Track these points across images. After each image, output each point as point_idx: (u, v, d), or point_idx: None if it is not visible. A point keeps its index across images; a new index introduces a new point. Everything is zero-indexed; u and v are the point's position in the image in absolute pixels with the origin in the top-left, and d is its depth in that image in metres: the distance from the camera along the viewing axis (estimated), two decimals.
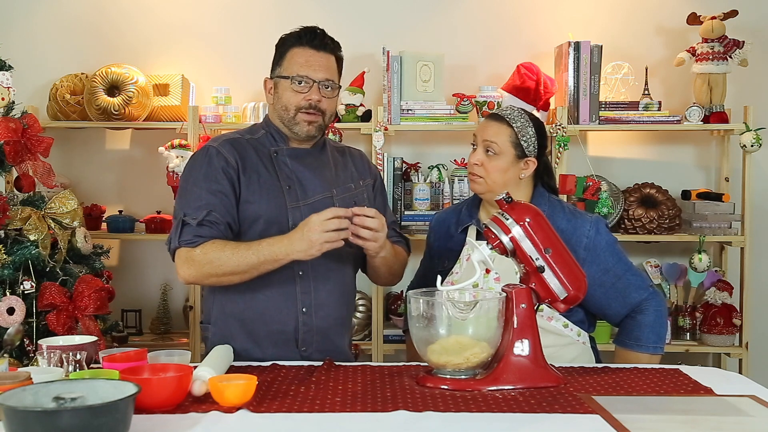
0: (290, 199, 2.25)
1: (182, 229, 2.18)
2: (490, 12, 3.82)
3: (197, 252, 2.15)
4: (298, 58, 2.26)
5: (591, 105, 3.56)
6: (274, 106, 2.30)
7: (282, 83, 2.27)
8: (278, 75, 2.28)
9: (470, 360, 1.90)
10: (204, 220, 2.16)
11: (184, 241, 2.17)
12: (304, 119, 2.26)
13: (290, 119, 2.27)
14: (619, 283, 2.30)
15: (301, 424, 1.64)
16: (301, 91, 2.24)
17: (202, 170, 2.23)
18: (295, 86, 2.24)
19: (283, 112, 2.27)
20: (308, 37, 2.27)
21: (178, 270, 2.19)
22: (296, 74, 2.24)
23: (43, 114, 3.64)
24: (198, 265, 2.15)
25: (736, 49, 3.57)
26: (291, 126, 2.28)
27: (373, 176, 2.47)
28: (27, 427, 1.39)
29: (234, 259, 2.12)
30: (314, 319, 2.26)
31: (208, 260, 2.14)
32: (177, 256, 2.20)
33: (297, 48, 2.27)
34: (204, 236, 2.16)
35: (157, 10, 3.82)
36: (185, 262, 2.17)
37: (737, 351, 3.58)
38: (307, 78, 2.24)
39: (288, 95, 2.26)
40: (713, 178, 3.85)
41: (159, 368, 1.79)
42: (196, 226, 2.16)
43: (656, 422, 1.64)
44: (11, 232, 2.91)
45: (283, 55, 2.28)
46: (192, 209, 2.19)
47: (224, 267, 2.13)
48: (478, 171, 2.32)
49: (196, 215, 2.17)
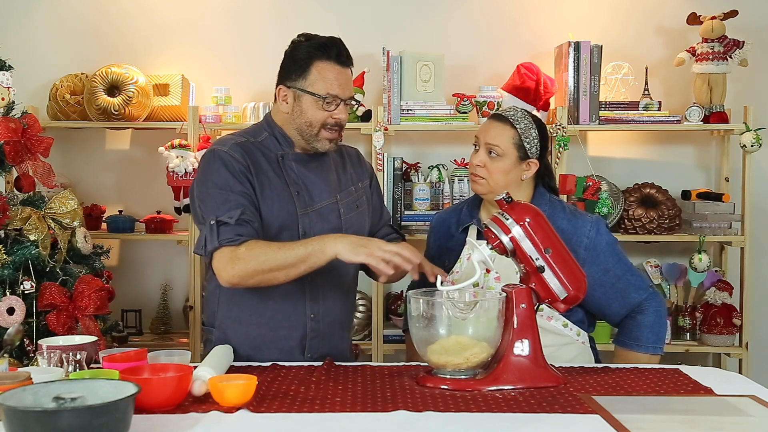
0: (300, 205, 2.23)
1: (219, 229, 2.10)
2: (490, 12, 3.82)
3: (242, 249, 2.07)
4: (328, 74, 2.20)
5: (591, 105, 3.56)
6: (293, 117, 2.24)
7: (307, 98, 2.21)
8: (303, 89, 2.21)
9: (470, 360, 1.90)
10: (240, 219, 2.10)
11: (226, 240, 2.08)
12: (327, 137, 2.23)
13: (313, 135, 2.23)
14: (619, 283, 2.30)
15: (301, 424, 1.64)
16: (329, 109, 2.21)
17: (222, 174, 2.17)
18: (324, 104, 2.20)
19: (306, 127, 2.23)
20: (335, 51, 2.21)
21: (221, 272, 2.10)
22: (327, 93, 2.19)
23: (43, 114, 3.64)
24: (244, 262, 2.06)
25: (736, 49, 3.57)
26: (311, 141, 2.24)
27: (369, 175, 2.46)
28: (27, 427, 1.39)
29: (281, 253, 2.05)
30: (321, 324, 2.26)
31: (255, 255, 2.06)
32: (218, 258, 2.10)
33: (323, 63, 2.21)
34: (244, 235, 2.09)
35: (157, 10, 3.81)
36: (230, 261, 2.08)
37: (737, 351, 3.58)
38: (336, 98, 2.21)
39: (314, 112, 2.21)
40: (713, 178, 3.85)
41: (159, 368, 1.80)
42: (235, 224, 2.09)
43: (656, 422, 1.64)
44: (11, 232, 2.91)
45: (308, 69, 2.21)
46: (223, 210, 2.12)
47: (272, 262, 2.06)
48: (481, 172, 2.32)
49: (232, 214, 2.10)
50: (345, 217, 2.29)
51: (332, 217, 2.27)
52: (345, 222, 2.28)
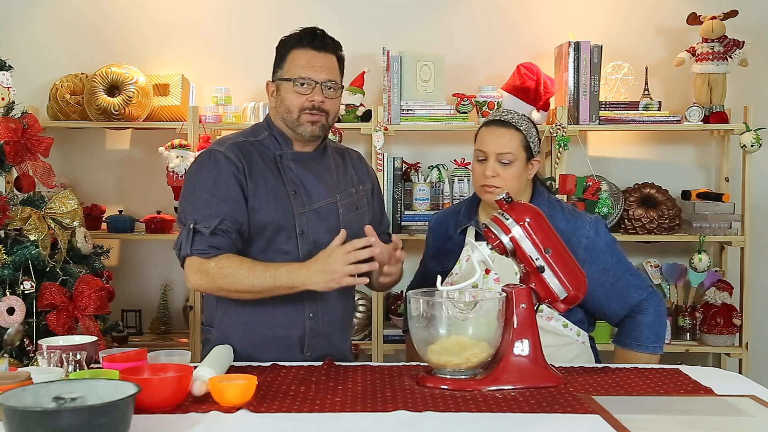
0: (296, 205, 2.24)
1: (194, 237, 2.14)
2: (490, 12, 3.82)
3: (212, 265, 2.12)
4: (300, 60, 2.24)
5: (591, 105, 3.56)
6: (277, 108, 2.28)
7: (284, 85, 2.25)
8: (280, 77, 2.27)
9: (470, 360, 1.90)
10: (217, 229, 2.13)
11: (198, 250, 2.13)
12: (308, 119, 2.24)
13: (294, 121, 2.25)
14: (618, 283, 2.30)
15: (301, 424, 1.64)
16: (304, 92, 2.23)
17: (212, 176, 2.19)
18: (298, 88, 2.23)
19: (286, 114, 2.26)
20: (309, 38, 2.26)
21: (189, 277, 2.17)
22: (298, 76, 2.22)
23: (43, 114, 3.64)
24: (211, 278, 2.13)
25: (736, 49, 3.57)
26: (295, 127, 2.26)
27: (372, 181, 2.46)
28: (27, 427, 1.39)
29: (249, 279, 2.10)
30: (320, 324, 2.26)
31: (223, 275, 2.12)
32: (188, 264, 2.16)
33: (298, 49, 2.26)
34: (218, 247, 2.13)
35: (157, 11, 3.82)
36: (198, 271, 2.14)
37: (737, 351, 3.58)
38: (309, 79, 2.23)
39: (291, 97, 2.24)
40: (713, 178, 3.85)
41: (159, 368, 1.80)
42: (209, 235, 2.13)
43: (656, 422, 1.64)
44: (11, 232, 2.91)
45: (284, 58, 2.27)
46: (203, 216, 2.15)
47: (238, 285, 2.12)
48: (495, 182, 2.30)
49: (209, 224, 2.13)
50: (344, 218, 2.29)
51: (331, 217, 2.27)
52: (344, 223, 2.28)
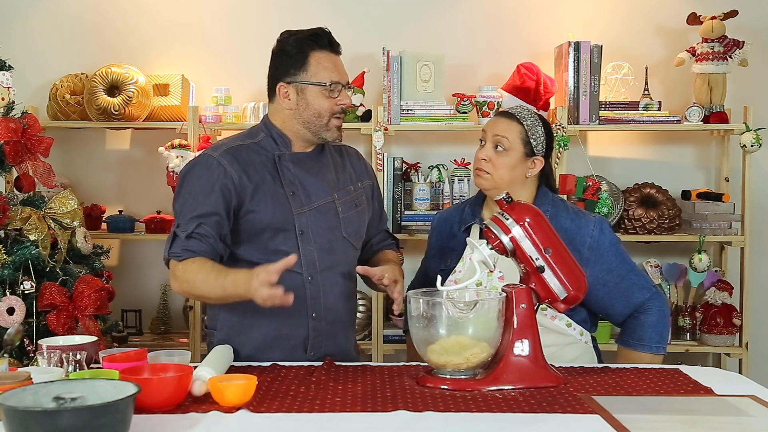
0: (295, 205, 2.23)
1: (174, 240, 2.16)
2: (490, 12, 3.82)
3: (180, 268, 2.14)
4: (326, 63, 2.23)
5: (591, 105, 3.56)
6: (299, 112, 2.24)
7: (311, 90, 2.22)
8: (307, 81, 2.22)
9: (470, 360, 1.90)
10: (194, 233, 2.14)
11: (173, 254, 2.15)
12: (336, 124, 2.26)
13: (323, 125, 2.24)
14: (622, 283, 2.30)
15: (301, 424, 1.64)
16: (334, 96, 2.23)
17: (200, 182, 2.20)
18: (331, 93, 2.22)
19: (315, 118, 2.24)
20: (326, 39, 2.25)
21: (170, 281, 2.20)
22: (330, 81, 2.21)
23: (43, 114, 3.63)
24: (179, 281, 2.15)
25: (736, 49, 3.57)
26: (321, 132, 2.25)
27: (370, 178, 2.46)
28: (27, 427, 1.39)
29: (205, 285, 2.11)
30: (324, 324, 2.26)
31: (186, 279, 2.13)
32: (170, 267, 2.19)
33: (319, 52, 2.23)
34: (192, 250, 2.13)
35: (157, 11, 3.81)
36: (172, 274, 2.17)
37: (737, 351, 3.58)
38: (339, 84, 2.23)
39: (320, 101, 2.22)
40: (713, 178, 3.85)
41: (159, 368, 1.80)
42: (185, 238, 2.14)
43: (656, 422, 1.64)
44: (11, 232, 2.91)
45: (306, 61, 2.22)
46: (185, 220, 2.17)
47: (197, 290, 2.14)
48: (486, 166, 2.31)
49: (186, 227, 2.15)
50: (343, 216, 2.30)
51: (330, 216, 2.28)
52: (343, 220, 2.29)
